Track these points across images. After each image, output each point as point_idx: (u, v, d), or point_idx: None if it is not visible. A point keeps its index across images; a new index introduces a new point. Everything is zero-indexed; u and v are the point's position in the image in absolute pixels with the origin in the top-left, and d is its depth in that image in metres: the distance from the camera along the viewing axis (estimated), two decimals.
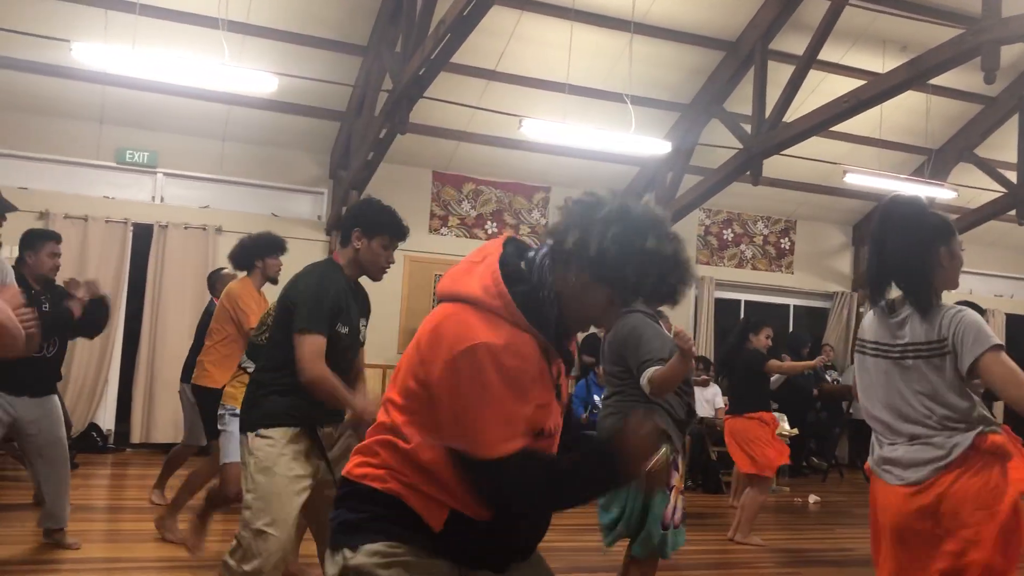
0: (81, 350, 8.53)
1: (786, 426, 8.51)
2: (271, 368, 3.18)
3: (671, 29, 8.71)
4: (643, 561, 3.66)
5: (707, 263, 11.25)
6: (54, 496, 4.71)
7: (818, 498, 8.38)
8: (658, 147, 8.65)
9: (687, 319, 10.89)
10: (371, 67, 8.59)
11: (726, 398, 7.98)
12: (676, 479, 3.63)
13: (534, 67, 8.83)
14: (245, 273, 5.05)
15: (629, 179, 10.58)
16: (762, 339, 6.49)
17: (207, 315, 5.75)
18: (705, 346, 10.83)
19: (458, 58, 7.51)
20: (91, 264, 8.72)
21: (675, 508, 3.60)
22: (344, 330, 3.16)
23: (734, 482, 7.72)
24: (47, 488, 4.71)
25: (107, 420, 8.97)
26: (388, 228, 3.19)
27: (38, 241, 4.81)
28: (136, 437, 8.85)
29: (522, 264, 1.76)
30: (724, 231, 11.42)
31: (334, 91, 8.85)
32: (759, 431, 6.29)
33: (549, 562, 2.01)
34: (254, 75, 7.12)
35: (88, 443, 8.50)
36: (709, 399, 8.80)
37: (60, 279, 5.13)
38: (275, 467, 3.04)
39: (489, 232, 10.22)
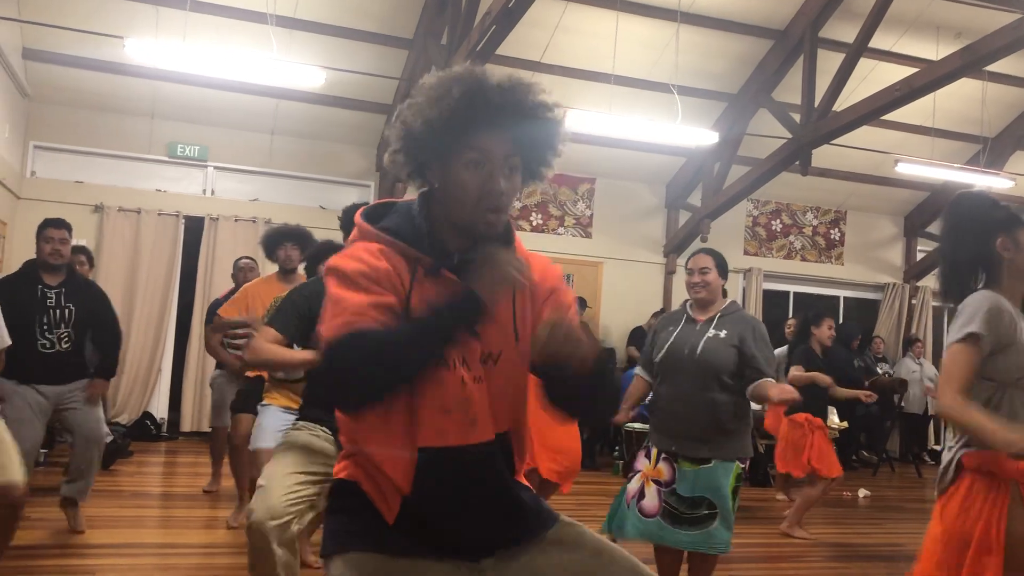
0: (135, 340, 8.73)
1: (836, 419, 8.40)
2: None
3: (718, 18, 8.62)
4: (708, 557, 3.65)
5: (755, 254, 11.14)
6: (87, 472, 4.80)
7: (868, 492, 8.26)
8: (705, 137, 8.57)
9: None
10: (417, 60, 8.64)
11: None
12: (646, 466, 3.65)
13: (579, 58, 8.80)
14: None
15: (675, 170, 10.52)
16: (824, 331, 6.30)
17: None
18: None
19: (503, 50, 7.52)
20: (144, 256, 8.91)
21: (641, 493, 3.60)
22: None
23: (779, 475, 7.64)
24: (73, 462, 4.80)
25: (160, 409, 9.17)
26: None
27: (40, 230, 4.84)
28: (187, 426, 9.04)
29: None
30: (772, 222, 11.29)
31: (380, 84, 8.91)
32: (805, 434, 6.17)
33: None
34: (302, 69, 7.20)
35: (142, 431, 8.69)
36: None
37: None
38: (292, 448, 3.11)
39: (534, 223, 10.22)
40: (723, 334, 3.62)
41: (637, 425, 8.26)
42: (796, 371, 6.19)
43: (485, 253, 1.60)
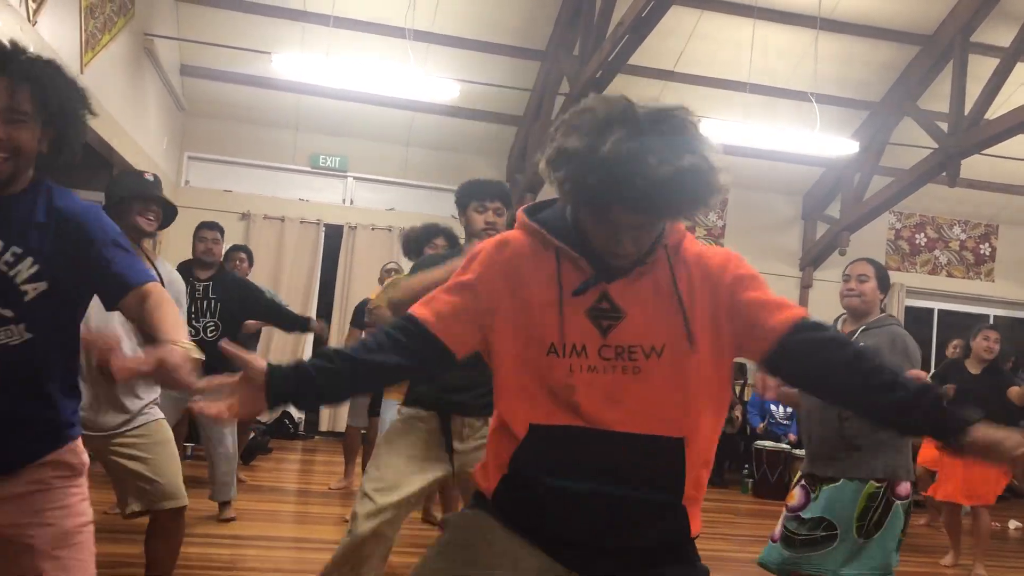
0: (276, 343, 9.13)
1: None
2: None
3: (861, 24, 8.31)
4: None
5: (897, 269, 10.66)
6: (213, 472, 5.07)
7: (1020, 524, 7.75)
8: (845, 147, 8.27)
9: None
10: (549, 71, 8.70)
11: None
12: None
13: (714, 67, 8.66)
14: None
15: (813, 180, 10.21)
16: (980, 343, 5.88)
17: None
18: None
19: (635, 59, 7.48)
20: (286, 262, 9.32)
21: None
22: None
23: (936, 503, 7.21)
24: (210, 464, 5.08)
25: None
26: None
27: (196, 231, 5.24)
28: (324, 425, 9.38)
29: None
30: (916, 235, 10.78)
31: (512, 96, 9.03)
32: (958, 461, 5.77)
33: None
34: (438, 82, 7.38)
35: (280, 430, 9.07)
36: None
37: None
38: (396, 441, 3.06)
39: None
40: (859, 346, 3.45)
41: (768, 443, 8.04)
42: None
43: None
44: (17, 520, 1.80)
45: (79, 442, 1.94)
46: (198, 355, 1.62)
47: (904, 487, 3.31)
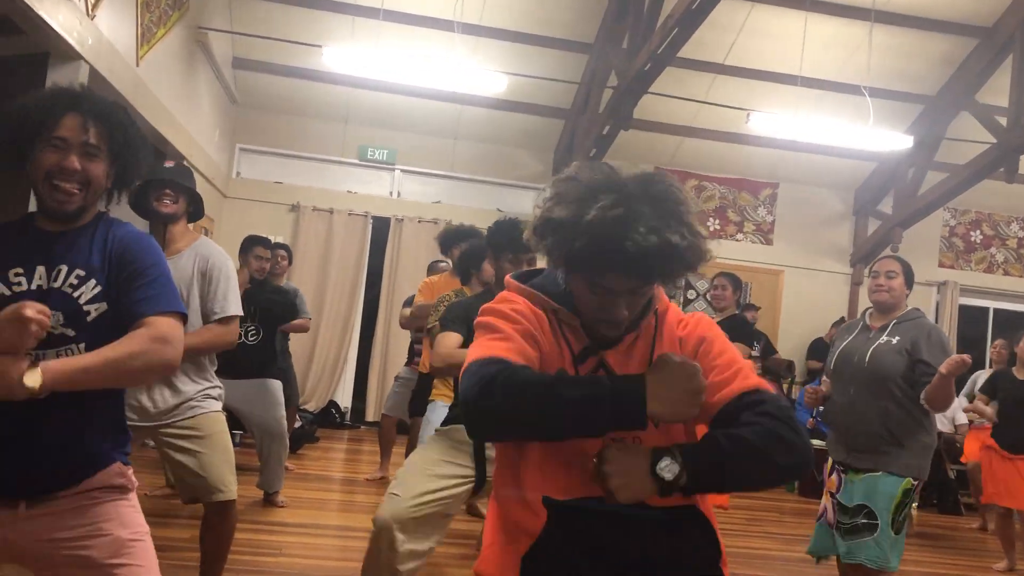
0: (324, 332, 9.25)
1: None
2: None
3: (917, 16, 8.14)
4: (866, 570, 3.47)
5: (951, 266, 10.44)
6: (265, 466, 5.28)
7: None
8: (899, 141, 8.12)
9: None
10: (597, 64, 8.67)
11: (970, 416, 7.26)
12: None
13: (764, 60, 8.55)
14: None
15: (865, 175, 10.04)
16: None
17: None
18: None
19: (684, 52, 7.42)
20: (335, 253, 9.42)
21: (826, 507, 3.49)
22: None
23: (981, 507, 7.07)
24: (261, 458, 5.28)
25: (345, 398, 9.66)
26: None
27: (248, 246, 5.48)
28: (370, 415, 9.47)
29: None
30: (971, 232, 10.54)
31: (559, 89, 9.01)
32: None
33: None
34: (486, 75, 7.40)
35: (327, 419, 9.19)
36: (949, 415, 8.16)
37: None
38: (430, 447, 3.13)
39: (711, 228, 10.03)
40: (894, 340, 3.46)
41: (816, 442, 7.94)
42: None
43: (658, 359, 1.49)
44: (72, 535, 1.85)
45: (127, 468, 1.97)
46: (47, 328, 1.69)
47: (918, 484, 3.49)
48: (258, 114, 9.47)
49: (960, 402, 8.22)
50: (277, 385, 5.29)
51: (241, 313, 3.27)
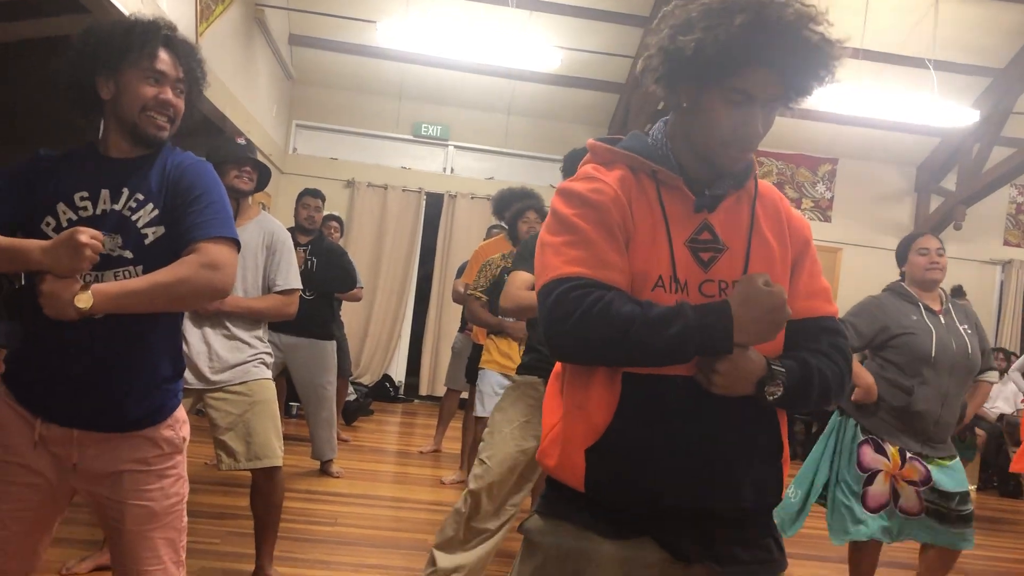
0: (378, 307, 9.35)
1: None
2: (530, 326, 3.31)
3: None
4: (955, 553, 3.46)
5: (1017, 245, 10.15)
6: (314, 434, 5.32)
7: None
8: (964, 116, 7.88)
9: (990, 307, 9.92)
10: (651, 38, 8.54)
11: None
12: (887, 465, 3.38)
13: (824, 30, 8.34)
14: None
15: (929, 150, 9.78)
16: None
17: None
18: (1009, 338, 9.82)
19: None
20: (389, 229, 9.50)
21: (895, 494, 3.40)
22: None
23: None
24: (310, 426, 5.33)
25: (399, 372, 9.77)
26: None
27: (299, 197, 5.52)
28: (423, 390, 9.58)
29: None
30: None
31: (614, 63, 8.91)
32: None
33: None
34: (540, 50, 7.35)
35: (381, 392, 9.30)
36: (1009, 396, 7.97)
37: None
38: (508, 409, 3.12)
39: None
40: (969, 329, 3.41)
41: None
42: None
43: (743, 280, 1.44)
44: (113, 495, 1.91)
45: (181, 412, 2.02)
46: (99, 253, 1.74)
47: None
48: (314, 90, 9.55)
49: (1017, 378, 7.99)
50: (331, 348, 5.30)
51: (301, 287, 3.40)
